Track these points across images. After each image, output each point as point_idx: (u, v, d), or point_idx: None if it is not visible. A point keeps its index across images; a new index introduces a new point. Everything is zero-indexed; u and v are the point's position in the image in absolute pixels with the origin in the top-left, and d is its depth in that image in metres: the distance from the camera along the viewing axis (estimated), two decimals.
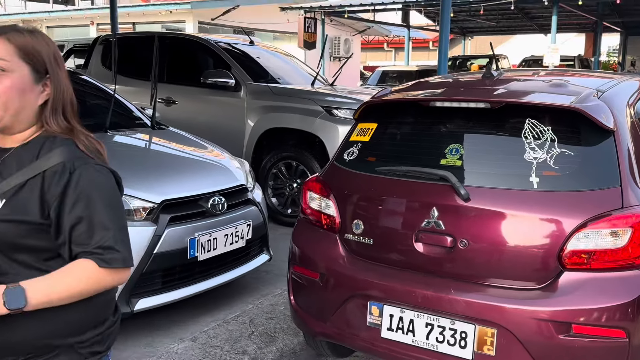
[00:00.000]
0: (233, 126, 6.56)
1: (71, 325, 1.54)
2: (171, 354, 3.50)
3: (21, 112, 1.50)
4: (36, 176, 1.47)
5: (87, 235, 1.46)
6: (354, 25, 20.88)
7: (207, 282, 3.92)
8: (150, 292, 3.61)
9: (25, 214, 1.45)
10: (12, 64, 1.47)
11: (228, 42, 7.51)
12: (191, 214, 3.82)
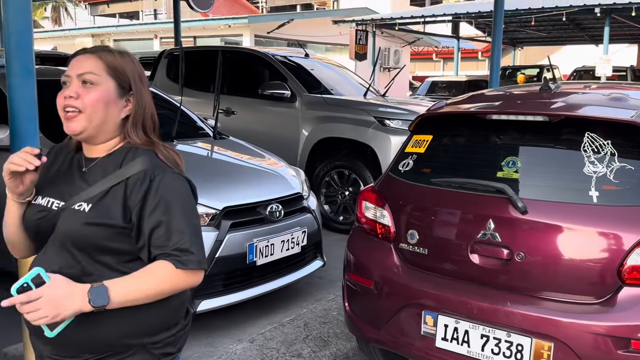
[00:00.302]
0: (288, 135, 6.56)
1: (147, 326, 1.56)
2: (230, 354, 3.50)
3: (105, 123, 1.55)
4: (119, 183, 1.51)
5: (165, 238, 1.49)
6: (404, 36, 20.73)
7: (264, 286, 3.91)
8: (212, 294, 3.62)
9: (109, 218, 1.49)
10: (101, 78, 1.54)
11: (284, 55, 7.55)
12: (250, 221, 3.81)
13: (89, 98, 1.51)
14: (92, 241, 1.49)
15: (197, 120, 5.26)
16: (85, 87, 1.52)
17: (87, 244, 1.49)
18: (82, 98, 1.51)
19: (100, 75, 1.54)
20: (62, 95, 1.53)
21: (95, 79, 1.53)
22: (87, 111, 1.51)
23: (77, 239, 1.49)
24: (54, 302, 1.36)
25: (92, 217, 1.48)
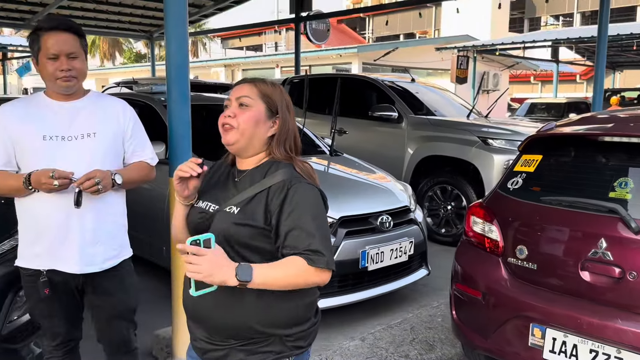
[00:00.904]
0: (394, 153, 6.54)
1: (283, 319, 1.61)
2: (344, 349, 3.52)
3: (253, 138, 1.66)
4: (263, 191, 1.60)
5: (298, 240, 1.54)
6: (503, 61, 20.07)
7: (374, 290, 3.90)
8: (328, 294, 3.64)
9: (253, 220, 1.57)
10: (254, 101, 1.66)
11: (391, 80, 7.56)
12: (363, 230, 3.82)
13: (243, 117, 1.64)
14: (239, 238, 1.58)
15: (315, 139, 5.38)
16: (241, 109, 1.65)
17: (235, 241, 1.58)
18: (237, 117, 1.64)
19: (254, 99, 1.66)
20: (223, 115, 1.67)
21: (249, 102, 1.65)
22: (240, 127, 1.63)
23: (227, 236, 1.58)
24: (212, 265, 1.42)
25: (240, 219, 1.58)
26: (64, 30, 2.20)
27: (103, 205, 2.27)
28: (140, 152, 2.44)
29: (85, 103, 2.31)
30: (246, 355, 1.60)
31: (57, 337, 2.36)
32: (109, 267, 2.31)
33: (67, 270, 2.21)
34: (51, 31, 2.19)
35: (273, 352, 1.61)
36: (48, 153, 2.17)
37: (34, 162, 2.16)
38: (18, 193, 2.19)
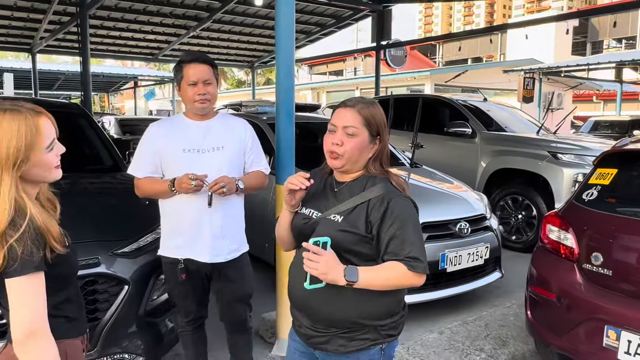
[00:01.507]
0: (468, 166, 6.37)
1: (378, 312, 1.62)
2: (424, 341, 3.47)
3: (357, 162, 1.65)
4: (363, 203, 1.60)
5: (400, 247, 1.54)
6: (567, 81, 19.01)
7: (452, 289, 3.82)
8: (411, 292, 3.59)
9: (356, 228, 1.58)
10: (359, 130, 1.62)
11: (465, 99, 7.38)
12: (443, 235, 3.76)
13: (350, 146, 1.61)
14: (342, 244, 1.58)
15: (395, 152, 5.36)
16: (348, 137, 1.62)
17: (338, 245, 1.57)
18: (344, 145, 1.61)
19: (359, 128, 1.62)
20: (330, 139, 1.65)
21: (355, 131, 1.61)
22: (346, 155, 1.62)
23: (331, 240, 1.59)
24: (327, 265, 1.47)
25: (343, 226, 1.59)
26: (202, 62, 2.37)
27: (228, 206, 2.40)
28: (257, 163, 2.55)
29: (215, 122, 2.46)
30: (346, 341, 1.62)
31: (189, 315, 2.52)
32: (232, 258, 2.43)
33: (200, 259, 2.36)
34: (191, 63, 2.36)
35: (369, 339, 1.62)
36: (186, 163, 2.33)
37: (175, 170, 2.33)
38: (162, 195, 2.37)
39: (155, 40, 13.45)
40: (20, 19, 11.11)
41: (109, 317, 2.38)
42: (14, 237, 1.27)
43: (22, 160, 1.32)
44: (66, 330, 1.40)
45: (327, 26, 12.93)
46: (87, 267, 2.33)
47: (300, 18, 12.22)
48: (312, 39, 13.91)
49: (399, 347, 3.36)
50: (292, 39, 3.08)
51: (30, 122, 1.35)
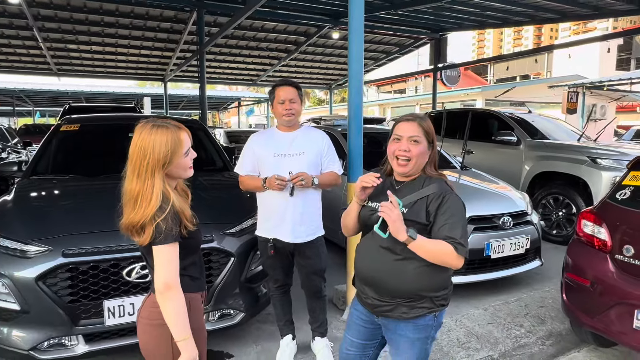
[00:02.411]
0: (512, 169, 6.04)
1: (434, 285, 1.64)
2: (470, 315, 3.38)
3: (419, 165, 1.68)
4: (423, 197, 1.63)
5: (449, 232, 1.56)
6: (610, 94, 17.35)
7: (495, 273, 3.67)
8: (459, 273, 3.51)
9: (419, 217, 1.61)
10: (421, 138, 1.67)
11: (512, 112, 7.00)
12: (488, 227, 3.64)
13: (416, 151, 1.65)
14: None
15: (448, 157, 5.23)
16: (414, 144, 1.66)
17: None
18: (412, 151, 1.65)
19: (420, 136, 1.66)
20: (396, 147, 1.68)
21: (419, 139, 1.66)
22: (413, 159, 1.65)
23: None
24: (397, 217, 1.53)
25: (408, 216, 1.61)
26: (289, 85, 2.50)
27: (307, 199, 2.50)
28: (332, 165, 2.61)
29: (299, 133, 2.57)
30: (408, 309, 1.64)
31: (277, 282, 2.65)
32: (309, 240, 2.52)
33: (284, 240, 2.48)
34: (281, 86, 2.50)
35: (426, 308, 1.64)
36: (276, 165, 2.46)
37: (267, 170, 2.47)
38: (257, 189, 2.52)
39: (254, 69, 14.03)
40: (156, 56, 12.07)
41: (219, 281, 2.56)
42: (160, 218, 1.43)
43: (168, 162, 1.48)
44: (190, 286, 1.55)
45: (392, 53, 12.82)
46: (205, 242, 2.52)
47: (369, 47, 12.21)
48: (379, 64, 13.83)
49: (448, 319, 3.30)
50: (361, 65, 3.13)
51: (175, 135, 1.50)
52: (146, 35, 10.22)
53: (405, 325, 1.66)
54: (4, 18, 8.85)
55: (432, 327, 1.68)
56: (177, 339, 1.44)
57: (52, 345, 2.27)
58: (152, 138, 1.46)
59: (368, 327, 1.78)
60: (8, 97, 20.71)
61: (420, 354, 1.70)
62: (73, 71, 13.27)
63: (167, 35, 10.33)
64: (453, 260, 1.56)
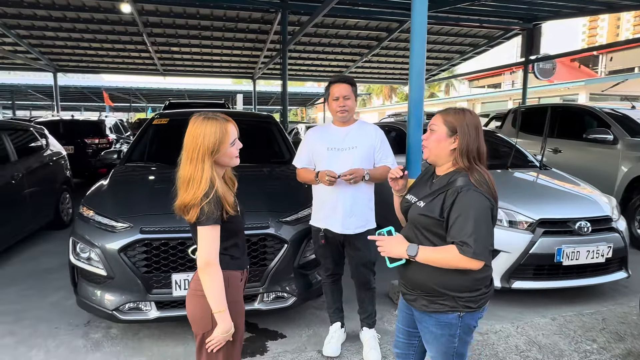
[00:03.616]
0: (606, 171, 5.41)
1: (454, 285, 1.60)
2: (534, 323, 3.16)
3: (438, 152, 1.67)
4: (442, 193, 1.60)
5: (456, 232, 1.53)
6: None
7: (567, 282, 3.36)
8: (524, 278, 3.32)
9: (432, 212, 1.60)
10: (438, 127, 1.67)
11: (610, 107, 6.25)
12: (560, 231, 3.34)
13: (431, 138, 1.68)
14: (422, 225, 1.63)
15: (528, 155, 4.87)
16: (430, 132, 1.69)
17: (420, 226, 1.63)
18: (428, 139, 1.69)
19: (438, 125, 1.67)
20: (423, 137, 1.73)
21: (435, 128, 1.68)
22: (429, 145, 1.69)
23: (415, 222, 1.65)
24: (390, 246, 1.62)
25: (423, 211, 1.62)
26: (343, 82, 2.55)
27: (358, 192, 2.55)
28: (385, 159, 2.62)
29: (353, 128, 2.62)
30: (427, 302, 1.64)
31: (328, 270, 2.75)
32: (359, 232, 2.56)
33: (334, 230, 2.56)
34: (336, 83, 2.57)
35: (447, 306, 1.61)
36: (329, 158, 2.54)
37: (321, 163, 2.57)
38: (311, 182, 2.63)
39: (337, 66, 14.22)
40: (246, 56, 12.84)
41: (273, 265, 2.74)
42: (205, 202, 1.59)
43: (216, 150, 1.63)
44: (230, 264, 1.71)
45: (479, 46, 12.14)
46: (261, 228, 2.72)
47: (454, 40, 11.71)
48: (465, 57, 13.18)
49: (508, 325, 3.14)
50: (422, 61, 3.07)
51: (222, 126, 1.66)
52: (237, 36, 10.92)
53: (429, 318, 1.66)
54: (120, 26, 10.09)
55: (457, 327, 1.63)
56: (214, 310, 1.60)
57: (131, 308, 2.62)
58: (203, 128, 1.63)
59: (409, 313, 1.80)
60: (125, 94, 23.52)
61: (448, 350, 1.67)
62: (176, 71, 14.66)
63: (256, 36, 10.93)
64: (463, 263, 1.51)
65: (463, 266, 1.53)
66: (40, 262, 4.39)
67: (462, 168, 1.62)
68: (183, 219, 1.66)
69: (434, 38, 11.41)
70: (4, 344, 2.84)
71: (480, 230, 1.51)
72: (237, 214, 1.72)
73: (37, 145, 5.50)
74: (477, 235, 1.50)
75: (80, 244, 2.71)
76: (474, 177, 1.59)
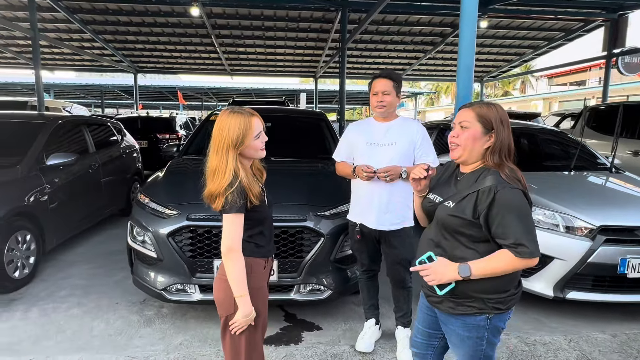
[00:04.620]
0: None
1: (484, 287, 1.54)
2: (591, 339, 2.91)
3: (472, 151, 1.58)
4: (473, 192, 1.53)
5: (505, 235, 1.47)
6: None
7: (632, 296, 3.05)
8: (581, 289, 3.07)
9: (463, 214, 1.53)
10: (471, 123, 1.57)
11: None
12: (626, 240, 3.04)
13: (463, 137, 1.58)
14: (452, 226, 1.56)
15: (599, 157, 4.47)
16: (462, 130, 1.59)
17: (449, 227, 1.56)
18: (460, 137, 1.59)
19: (471, 121, 1.57)
20: (450, 135, 1.63)
21: (468, 124, 1.57)
22: (462, 144, 1.59)
23: (444, 223, 1.58)
24: (437, 272, 1.53)
25: (453, 211, 1.55)
26: (384, 77, 2.54)
27: (394, 189, 2.51)
28: (425, 157, 2.55)
29: (394, 124, 2.59)
30: (454, 305, 1.59)
31: (363, 266, 2.74)
32: (394, 229, 2.53)
33: (369, 226, 2.55)
34: (377, 78, 2.56)
35: (475, 307, 1.56)
36: (368, 153, 2.54)
37: (359, 158, 2.57)
38: (348, 176, 2.64)
39: (400, 64, 14.00)
40: (308, 55, 13.07)
41: (309, 257, 2.79)
42: (229, 191, 1.67)
43: (240, 142, 1.71)
44: (254, 252, 1.77)
45: (555, 40, 11.31)
46: (299, 220, 2.79)
47: (526, 35, 11.02)
48: (539, 52, 12.34)
49: (560, 337, 2.93)
50: (471, 58, 2.98)
51: (247, 119, 1.74)
52: (299, 36, 11.17)
53: (455, 320, 1.61)
54: (192, 29, 10.77)
55: (486, 329, 1.57)
56: (235, 294, 1.69)
57: (177, 289, 2.82)
58: (228, 122, 1.72)
59: (431, 315, 1.76)
60: (198, 93, 25.00)
61: (476, 354, 1.62)
62: (242, 71, 15.32)
63: (317, 35, 11.09)
64: (521, 265, 1.46)
65: (519, 268, 1.48)
66: (110, 244, 4.85)
67: (492, 165, 1.55)
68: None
69: (503, 32, 10.82)
70: (73, 314, 3.19)
71: (530, 228, 1.47)
72: (264, 203, 1.79)
73: (113, 139, 6.06)
74: (529, 233, 1.46)
75: (136, 227, 2.97)
76: (505, 174, 1.52)
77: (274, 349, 2.72)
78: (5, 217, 3.46)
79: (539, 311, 3.30)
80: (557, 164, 4.22)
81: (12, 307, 3.28)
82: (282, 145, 4.24)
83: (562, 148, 4.59)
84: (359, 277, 2.82)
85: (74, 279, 3.85)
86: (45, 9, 9.58)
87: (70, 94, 26.10)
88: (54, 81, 21.36)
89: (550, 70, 14.45)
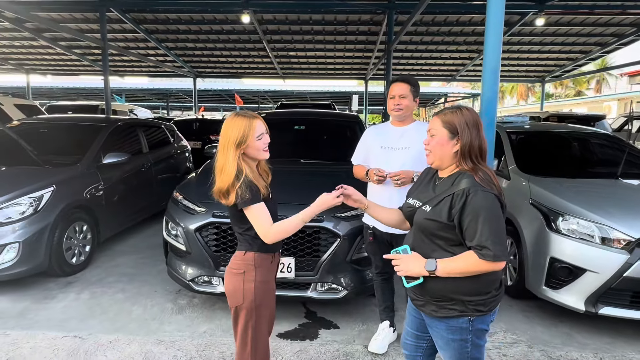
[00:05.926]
0: None
1: (463, 289, 1.56)
2: (625, 358, 2.71)
3: (443, 156, 1.63)
4: (448, 196, 1.56)
5: (472, 236, 1.50)
6: None
7: None
8: (617, 305, 2.87)
9: (438, 217, 1.56)
10: (437, 130, 1.64)
11: None
12: None
13: (432, 143, 1.65)
14: (429, 229, 1.59)
15: None
16: (431, 138, 1.66)
17: (427, 231, 1.60)
18: (430, 144, 1.66)
19: (438, 128, 1.63)
20: (424, 142, 1.71)
21: (435, 132, 1.64)
22: (432, 150, 1.65)
23: (421, 226, 1.62)
24: (407, 264, 1.59)
25: (430, 215, 1.59)
26: (401, 81, 2.57)
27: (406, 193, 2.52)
28: None
29: (409, 128, 2.60)
30: (437, 308, 1.61)
31: (377, 268, 2.77)
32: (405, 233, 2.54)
33: (380, 229, 2.58)
34: (395, 82, 2.59)
35: (456, 310, 1.58)
36: (381, 157, 2.58)
37: (373, 162, 2.61)
38: (363, 179, 2.68)
39: (452, 64, 13.62)
40: (358, 57, 13.12)
41: (326, 257, 2.87)
42: (237, 185, 1.79)
43: (241, 142, 1.83)
44: (260, 248, 1.87)
45: (625, 36, 10.45)
46: (316, 221, 2.88)
47: (592, 31, 10.29)
48: (607, 50, 11.44)
49: (590, 355, 2.76)
50: (497, 56, 2.88)
51: (249, 122, 1.85)
52: (348, 39, 11.27)
53: (439, 323, 1.63)
54: (245, 35, 11.24)
55: (469, 331, 1.58)
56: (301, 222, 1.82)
57: (204, 281, 3.03)
58: (232, 123, 1.85)
59: (418, 317, 1.79)
60: (255, 96, 25.91)
61: (462, 356, 1.63)
62: (293, 74, 15.68)
63: (366, 38, 11.12)
64: (485, 267, 1.48)
65: (485, 270, 1.50)
66: (158, 237, 5.23)
67: (466, 169, 1.58)
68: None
69: (565, 30, 10.18)
70: (117, 298, 3.51)
71: (497, 231, 1.48)
72: (269, 200, 1.90)
73: (166, 140, 6.52)
74: (495, 237, 1.47)
75: (170, 222, 3.22)
76: (479, 177, 1.55)
77: (289, 343, 2.83)
78: (65, 208, 3.88)
79: (571, 325, 3.13)
80: (604, 171, 3.94)
81: (68, 289, 3.68)
82: (313, 148, 4.36)
83: (613, 153, 4.27)
84: (374, 279, 2.85)
85: (123, 267, 4.22)
86: (115, 21, 10.47)
87: (140, 97, 28.27)
88: (126, 86, 23.25)
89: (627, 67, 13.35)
